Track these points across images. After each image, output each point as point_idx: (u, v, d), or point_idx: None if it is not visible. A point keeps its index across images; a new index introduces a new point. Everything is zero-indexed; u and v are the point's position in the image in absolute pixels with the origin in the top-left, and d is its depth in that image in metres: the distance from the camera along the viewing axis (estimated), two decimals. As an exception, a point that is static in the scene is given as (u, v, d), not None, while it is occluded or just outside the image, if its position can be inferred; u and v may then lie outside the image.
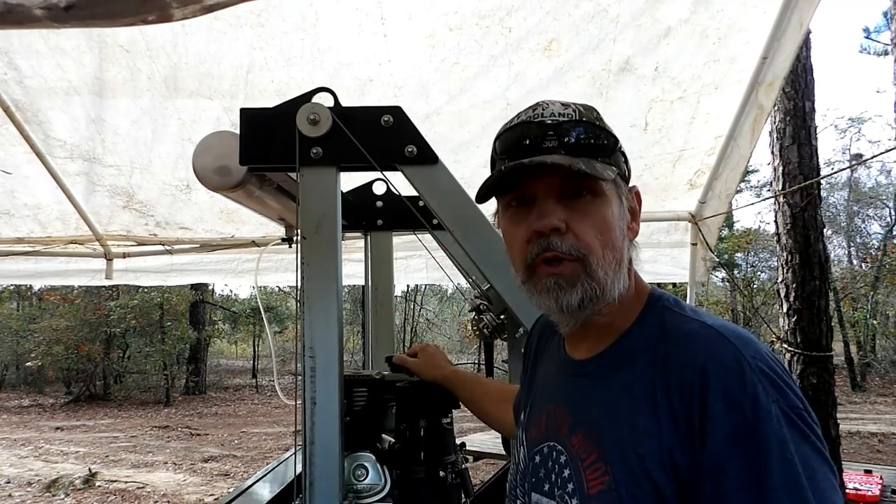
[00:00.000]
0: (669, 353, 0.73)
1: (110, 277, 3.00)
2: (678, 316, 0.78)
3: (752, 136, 2.18)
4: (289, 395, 4.79)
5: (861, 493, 4.11)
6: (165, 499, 6.93)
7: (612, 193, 0.79)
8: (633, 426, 0.72)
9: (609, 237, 0.78)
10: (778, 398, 0.66)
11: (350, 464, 1.29)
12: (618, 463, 0.73)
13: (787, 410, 0.65)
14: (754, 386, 0.66)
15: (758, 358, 0.69)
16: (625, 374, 0.77)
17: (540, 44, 1.89)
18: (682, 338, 0.74)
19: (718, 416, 0.66)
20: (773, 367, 0.68)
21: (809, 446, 0.65)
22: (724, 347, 0.70)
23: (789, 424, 0.64)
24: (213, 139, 1.30)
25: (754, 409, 0.65)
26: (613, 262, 0.78)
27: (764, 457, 0.63)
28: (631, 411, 0.73)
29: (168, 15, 0.91)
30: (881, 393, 14.19)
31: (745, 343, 0.70)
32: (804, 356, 4.21)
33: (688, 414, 0.68)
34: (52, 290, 14.78)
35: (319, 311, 1.14)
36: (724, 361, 0.69)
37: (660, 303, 0.81)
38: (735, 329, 0.73)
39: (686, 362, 0.71)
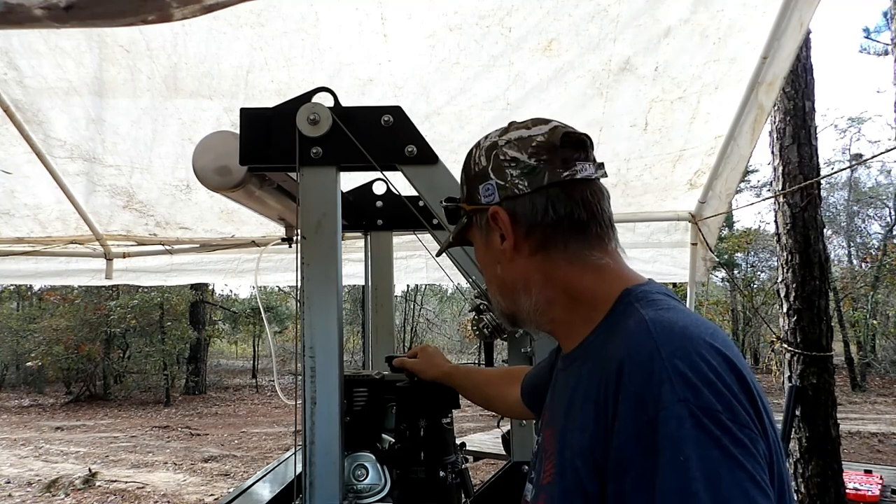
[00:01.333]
0: (607, 349, 0.73)
1: (110, 277, 3.00)
2: (633, 310, 0.76)
3: (752, 135, 2.18)
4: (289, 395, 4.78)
5: (861, 493, 4.11)
6: (165, 499, 6.93)
7: (475, 236, 0.91)
8: (573, 420, 0.74)
9: (484, 273, 0.92)
10: (687, 397, 0.61)
11: (350, 464, 1.29)
12: (559, 455, 0.75)
13: (696, 411, 0.60)
14: (660, 384, 0.62)
15: (677, 355, 0.64)
16: (582, 370, 0.78)
17: (540, 44, 1.89)
18: (619, 332, 0.73)
19: (625, 414, 0.65)
20: (696, 365, 0.63)
21: (719, 451, 0.59)
22: (643, 342, 0.67)
23: (695, 426, 0.59)
24: (213, 139, 1.30)
25: (656, 407, 0.62)
26: (496, 291, 0.89)
27: (658, 457, 0.60)
28: (576, 406, 0.75)
29: (168, 15, 0.91)
30: (881, 393, 14.20)
31: (671, 339, 0.66)
32: (804, 356, 4.21)
33: (605, 409, 0.67)
34: (52, 290, 14.79)
35: (319, 311, 1.14)
36: (638, 357, 0.66)
37: (628, 297, 0.80)
38: (671, 324, 0.69)
39: (611, 358, 0.70)
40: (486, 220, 0.86)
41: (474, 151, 0.89)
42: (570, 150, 0.82)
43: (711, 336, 0.68)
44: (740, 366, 0.66)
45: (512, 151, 0.84)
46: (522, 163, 0.83)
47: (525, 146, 0.83)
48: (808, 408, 4.14)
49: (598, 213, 0.82)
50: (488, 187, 0.85)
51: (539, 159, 0.82)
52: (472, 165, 0.89)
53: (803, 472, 4.11)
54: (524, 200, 0.82)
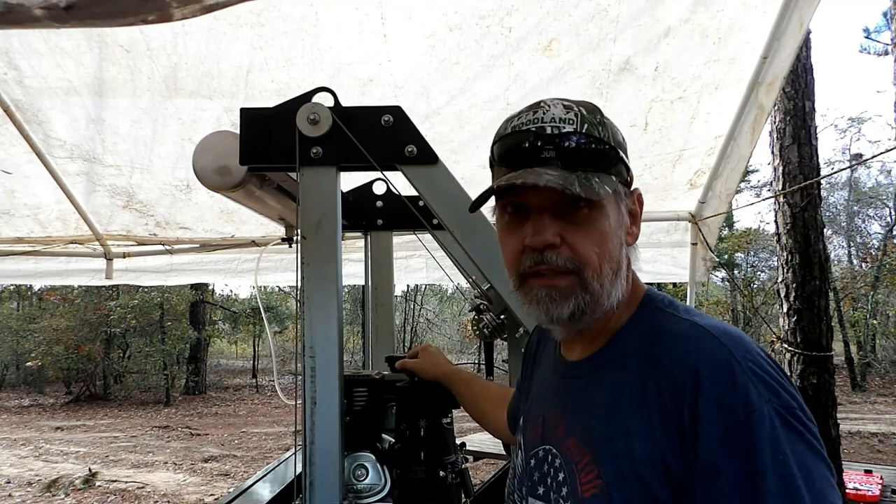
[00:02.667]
0: (660, 355, 0.72)
1: (110, 277, 3.00)
2: (670, 316, 0.77)
3: (753, 135, 2.18)
4: (289, 395, 4.79)
5: (861, 493, 4.11)
6: (165, 499, 6.92)
7: (610, 203, 0.78)
8: (625, 429, 0.71)
9: (606, 248, 0.77)
10: (770, 398, 0.65)
11: (350, 464, 1.29)
12: (610, 466, 0.72)
13: (781, 410, 0.64)
14: (745, 387, 0.65)
15: (749, 358, 0.67)
16: (617, 376, 0.76)
17: (540, 44, 1.89)
18: (673, 339, 0.73)
19: (710, 418, 0.65)
20: (764, 366, 0.67)
21: (805, 445, 0.63)
22: (715, 348, 0.69)
23: (783, 424, 0.63)
24: (213, 139, 1.30)
25: (746, 410, 0.64)
26: (610, 272, 0.77)
27: (757, 459, 0.62)
28: (623, 413, 0.72)
29: (168, 15, 0.91)
30: (881, 393, 14.19)
31: (736, 343, 0.69)
32: (804, 356, 4.21)
33: (679, 416, 0.67)
34: (52, 290, 14.78)
35: (319, 311, 1.14)
36: (715, 362, 0.67)
37: (654, 304, 0.80)
38: (726, 329, 0.72)
39: (677, 364, 0.70)
40: (626, 196, 0.81)
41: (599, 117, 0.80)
42: None
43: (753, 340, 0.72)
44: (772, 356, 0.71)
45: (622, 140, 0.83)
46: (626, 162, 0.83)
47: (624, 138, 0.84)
48: (809, 408, 4.14)
49: None
50: (628, 165, 0.83)
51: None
52: (614, 128, 0.81)
53: (803, 472, 4.11)
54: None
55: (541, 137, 0.76)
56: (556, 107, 0.78)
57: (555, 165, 0.75)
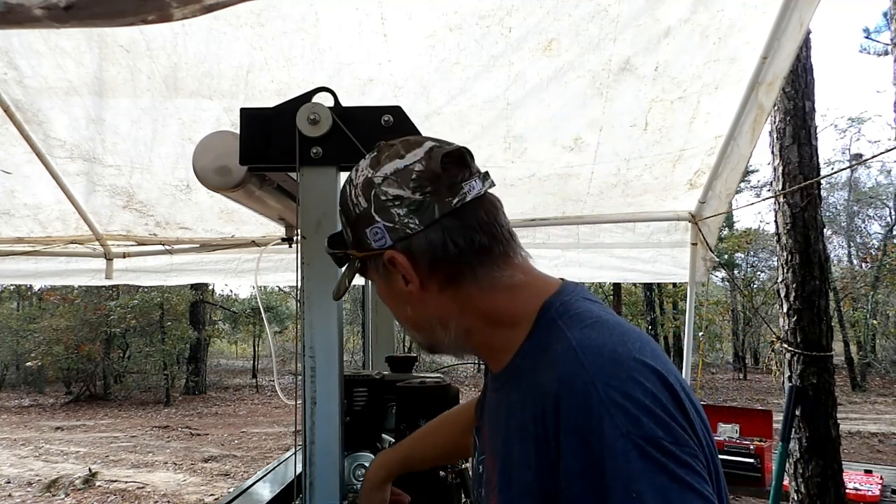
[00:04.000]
0: (538, 378, 0.70)
1: (110, 277, 3.00)
2: (558, 331, 0.73)
3: (753, 135, 2.18)
4: (289, 395, 4.76)
5: (861, 493, 4.11)
6: (165, 499, 6.92)
7: (374, 276, 0.84)
8: (514, 454, 0.71)
9: (394, 312, 0.87)
10: (629, 430, 0.60)
11: (350, 464, 1.29)
12: (503, 490, 0.72)
13: (640, 442, 0.60)
14: (600, 419, 0.61)
15: (611, 385, 0.63)
16: (514, 395, 0.75)
17: (540, 44, 1.89)
18: (546, 361, 0.71)
19: (569, 452, 0.63)
20: (631, 393, 0.63)
21: (667, 476, 0.59)
22: (576, 375, 0.65)
23: (641, 457, 0.59)
24: (213, 139, 1.30)
25: (600, 445, 0.61)
26: (410, 329, 0.86)
27: (611, 498, 0.59)
28: (514, 438, 0.72)
29: (168, 15, 0.91)
30: (881, 393, 14.19)
31: (602, 367, 0.65)
32: (804, 356, 4.20)
33: (547, 446, 0.65)
34: (52, 290, 14.78)
35: (319, 311, 1.14)
36: (574, 391, 0.64)
37: (549, 313, 0.77)
38: (600, 349, 0.67)
39: (546, 390, 0.67)
40: (382, 265, 0.79)
41: (349, 190, 0.81)
42: (453, 173, 0.77)
43: (639, 351, 0.67)
44: (669, 377, 0.66)
45: (392, 189, 0.76)
46: (407, 199, 0.76)
47: (405, 180, 0.76)
48: (808, 408, 4.14)
49: (497, 231, 0.78)
50: (376, 231, 0.77)
51: (424, 192, 0.76)
52: (351, 207, 0.80)
53: (803, 472, 4.11)
54: (419, 238, 0.76)
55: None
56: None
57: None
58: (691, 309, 2.99)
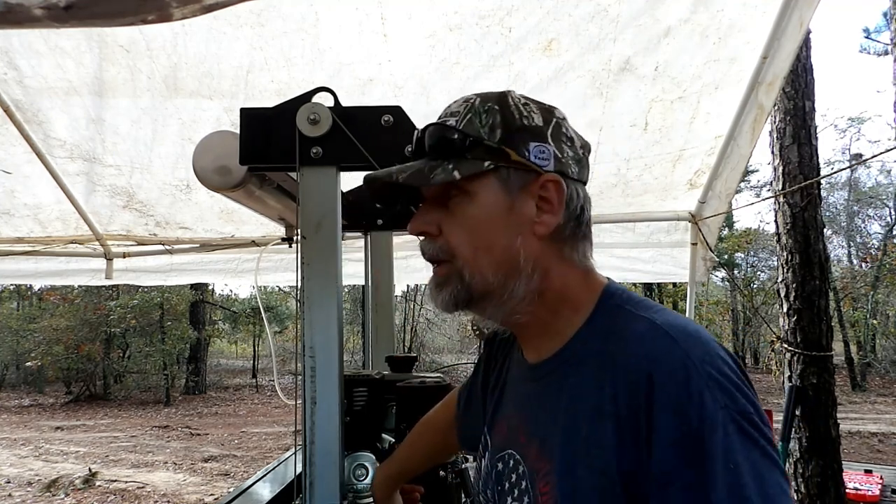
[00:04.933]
0: (616, 357, 0.70)
1: (110, 277, 3.00)
2: (628, 314, 0.74)
3: (752, 135, 2.18)
4: (289, 395, 4.77)
5: (861, 493, 4.11)
6: (165, 499, 6.93)
7: (486, 190, 0.75)
8: (582, 436, 0.69)
9: (480, 238, 0.75)
10: (726, 403, 0.62)
11: (350, 464, 1.29)
12: (566, 476, 0.69)
13: (737, 416, 0.62)
14: (700, 393, 0.62)
15: (706, 360, 0.65)
16: (575, 379, 0.74)
17: (540, 44, 1.89)
18: (629, 339, 0.70)
19: (664, 425, 0.63)
20: (722, 368, 0.65)
21: (759, 452, 0.61)
22: (671, 350, 0.66)
23: (738, 431, 0.61)
24: (213, 139, 1.30)
25: (700, 417, 0.62)
26: (491, 263, 0.75)
27: (709, 467, 0.60)
28: (580, 420, 0.70)
29: (168, 15, 0.91)
30: (881, 393, 14.20)
31: (694, 344, 0.66)
32: (804, 356, 4.21)
33: (635, 423, 0.65)
34: (52, 290, 14.79)
35: (319, 311, 1.13)
36: (670, 366, 0.65)
37: (612, 300, 0.77)
38: (685, 328, 0.69)
39: (632, 367, 0.67)
40: (526, 182, 0.76)
41: (513, 100, 0.78)
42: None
43: (713, 337, 0.69)
44: (734, 356, 0.69)
45: (569, 131, 0.80)
46: (575, 148, 0.80)
47: (576, 134, 0.81)
48: (808, 408, 4.14)
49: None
50: (544, 150, 0.76)
51: (584, 153, 0.82)
52: (515, 115, 0.77)
53: (803, 472, 4.11)
54: (572, 185, 0.78)
55: (419, 133, 0.80)
56: (458, 101, 0.80)
57: (416, 158, 0.80)
58: (691, 309, 2.99)
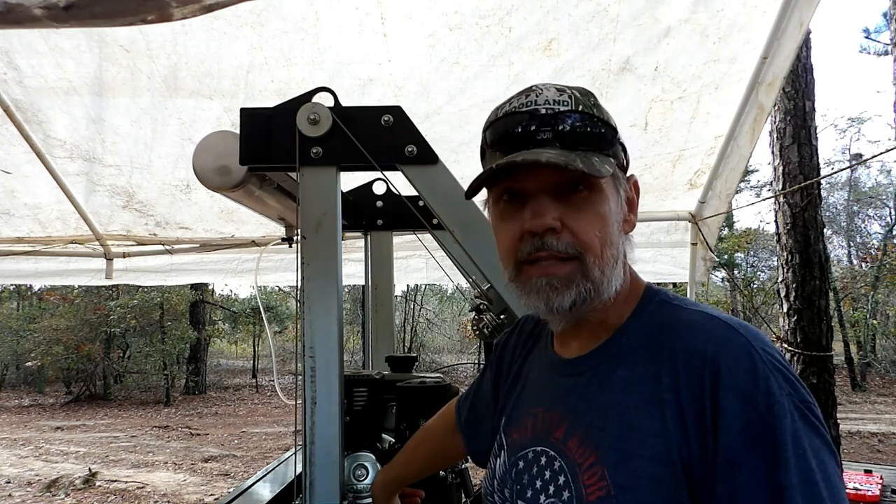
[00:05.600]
0: (674, 346, 0.70)
1: (110, 277, 3.00)
2: (679, 308, 0.75)
3: (752, 135, 2.18)
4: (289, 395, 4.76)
5: (861, 493, 4.10)
6: (165, 499, 6.92)
7: (609, 187, 0.75)
8: (636, 426, 0.68)
9: (607, 233, 0.73)
10: (790, 391, 0.64)
11: (350, 464, 1.29)
12: (620, 467, 0.68)
13: (800, 404, 0.64)
14: (766, 379, 0.64)
15: (767, 350, 0.66)
16: (625, 371, 0.73)
17: (540, 43, 1.89)
18: (687, 329, 0.71)
19: (731, 410, 0.63)
20: (782, 360, 0.67)
21: (820, 440, 0.63)
22: (733, 338, 0.67)
23: (802, 419, 0.63)
24: (213, 139, 1.30)
25: (767, 402, 0.63)
26: (611, 259, 0.74)
27: (779, 452, 0.61)
28: (633, 410, 0.69)
29: (167, 14, 0.91)
30: (881, 393, 14.19)
31: (754, 334, 0.68)
32: (804, 356, 4.21)
33: (698, 409, 0.65)
34: (52, 290, 14.78)
35: (319, 311, 1.13)
36: (734, 353, 0.66)
37: (657, 297, 0.78)
38: (741, 321, 0.71)
39: (695, 354, 0.67)
40: (623, 182, 0.79)
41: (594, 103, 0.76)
42: None
43: None
44: None
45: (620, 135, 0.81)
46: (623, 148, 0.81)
47: None
48: (808, 408, 4.14)
49: None
50: (625, 149, 0.80)
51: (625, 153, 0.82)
52: (612, 119, 0.78)
53: (803, 472, 4.12)
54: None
55: (536, 119, 0.73)
56: (549, 90, 0.75)
57: (552, 146, 0.72)
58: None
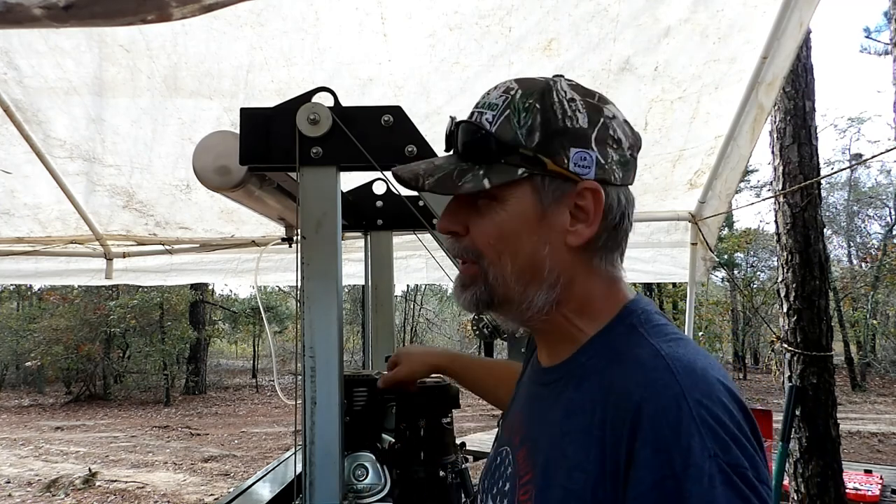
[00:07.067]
0: (614, 380, 0.66)
1: (110, 277, 3.00)
2: (639, 337, 0.69)
3: (752, 135, 2.18)
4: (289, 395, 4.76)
5: (861, 493, 4.11)
6: (165, 499, 6.93)
7: (520, 198, 0.71)
8: (566, 455, 0.66)
9: (506, 244, 0.72)
10: (717, 453, 0.57)
11: (350, 464, 1.29)
12: (545, 491, 0.68)
13: (726, 468, 0.57)
14: (689, 435, 0.58)
15: (704, 404, 0.60)
16: (574, 394, 0.71)
17: (540, 43, 1.89)
18: (629, 365, 0.66)
19: (644, 464, 0.59)
20: (720, 416, 0.60)
21: None
22: (667, 385, 0.61)
23: (724, 483, 0.57)
24: (213, 139, 1.30)
25: (684, 463, 0.57)
26: (514, 268, 0.72)
27: None
28: (568, 437, 0.67)
29: (167, 14, 0.91)
30: (881, 393, 14.20)
31: (695, 383, 0.61)
32: (804, 356, 4.20)
33: (616, 453, 0.61)
34: (52, 290, 14.79)
35: (319, 311, 1.13)
36: (663, 402, 0.60)
37: (630, 318, 0.73)
38: (692, 364, 0.64)
39: (624, 394, 0.63)
40: (563, 191, 0.71)
41: (559, 97, 0.71)
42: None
43: (722, 374, 0.65)
44: (744, 403, 0.64)
45: (618, 132, 0.73)
46: (623, 150, 0.73)
47: (626, 133, 0.74)
48: (808, 408, 4.14)
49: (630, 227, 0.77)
50: (585, 157, 0.70)
51: (633, 155, 0.74)
52: (558, 114, 0.71)
53: (803, 472, 4.11)
54: (613, 192, 0.72)
55: (454, 125, 0.76)
56: (498, 90, 0.74)
57: (454, 155, 0.76)
58: (691, 309, 2.99)
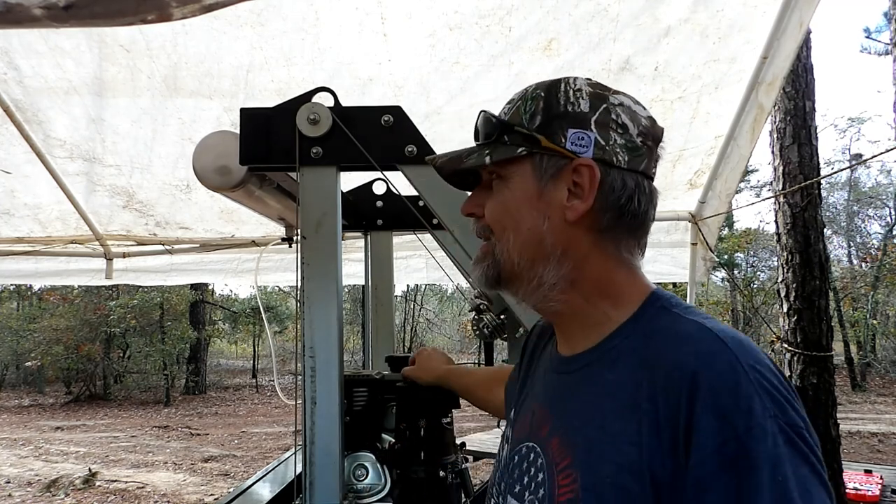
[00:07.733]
0: (659, 355, 0.67)
1: (110, 277, 3.00)
2: (676, 316, 0.72)
3: (752, 135, 2.18)
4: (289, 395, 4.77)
5: (861, 493, 4.11)
6: (165, 499, 6.93)
7: (521, 175, 0.78)
8: (611, 432, 0.67)
9: (508, 218, 0.79)
10: (776, 413, 0.59)
11: (350, 464, 1.29)
12: (590, 471, 0.68)
13: (786, 428, 0.59)
14: (749, 398, 0.59)
15: (757, 368, 0.62)
16: (610, 374, 0.72)
17: (540, 43, 1.89)
18: (674, 339, 0.68)
19: (706, 429, 0.60)
20: (772, 380, 0.62)
21: (809, 468, 0.59)
22: (720, 352, 0.63)
23: (787, 443, 0.58)
24: (213, 139, 1.30)
25: (747, 424, 0.58)
26: (516, 243, 0.78)
27: (753, 476, 0.57)
28: (611, 415, 0.68)
29: (167, 14, 0.91)
30: (881, 393, 14.20)
31: (746, 350, 0.64)
32: (804, 356, 4.21)
33: (673, 423, 0.62)
34: (52, 290, 14.79)
35: (319, 311, 1.13)
36: (719, 368, 0.62)
37: (659, 302, 0.76)
38: (736, 334, 0.66)
39: (676, 366, 0.64)
40: (559, 168, 0.76)
41: (565, 86, 0.78)
42: (658, 150, 0.82)
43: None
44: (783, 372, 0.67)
45: (623, 118, 0.77)
46: (630, 135, 0.77)
47: (635, 120, 0.78)
48: (808, 408, 4.13)
49: (651, 218, 0.82)
50: (584, 137, 0.75)
51: (644, 142, 0.79)
52: (561, 101, 0.77)
53: (803, 472, 4.12)
54: (617, 173, 0.76)
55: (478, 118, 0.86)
56: (521, 90, 0.82)
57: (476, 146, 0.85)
58: (691, 309, 2.99)
